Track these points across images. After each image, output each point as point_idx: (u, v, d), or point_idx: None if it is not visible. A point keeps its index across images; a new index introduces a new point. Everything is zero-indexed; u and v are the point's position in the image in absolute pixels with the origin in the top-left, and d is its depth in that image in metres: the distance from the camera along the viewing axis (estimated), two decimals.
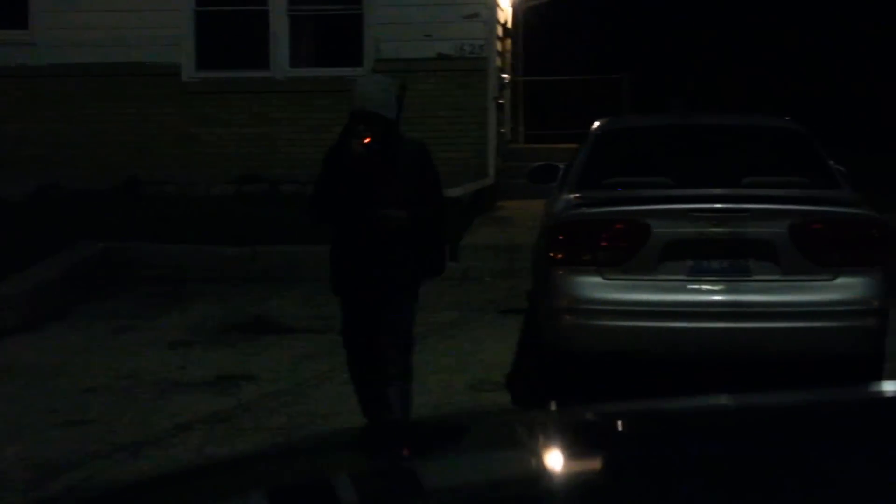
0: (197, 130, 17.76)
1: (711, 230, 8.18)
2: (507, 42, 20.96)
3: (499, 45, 19.04)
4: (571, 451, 2.89)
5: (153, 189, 16.73)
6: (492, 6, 17.90)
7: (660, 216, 8.25)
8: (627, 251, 8.24)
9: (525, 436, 3.06)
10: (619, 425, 3.16)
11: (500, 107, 19.13)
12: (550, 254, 8.46)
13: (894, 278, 8.45)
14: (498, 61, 18.86)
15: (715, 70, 24.82)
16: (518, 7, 21.88)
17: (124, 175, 17.01)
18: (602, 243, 8.31)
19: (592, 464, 2.78)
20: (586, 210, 8.54)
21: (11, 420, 8.42)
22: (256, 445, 7.74)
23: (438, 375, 9.35)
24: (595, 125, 10.16)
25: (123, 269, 13.19)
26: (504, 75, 19.83)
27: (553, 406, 3.63)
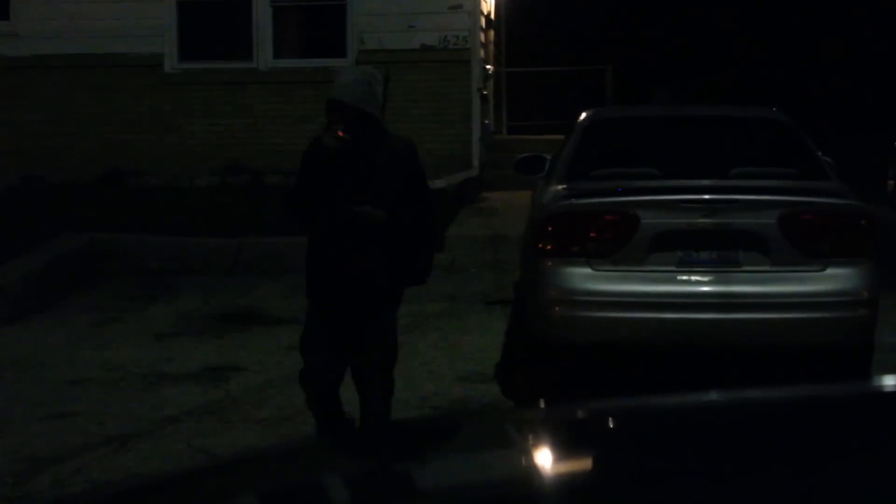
0: (180, 122, 17.71)
1: (701, 221, 8.18)
2: (491, 33, 20.94)
3: (482, 37, 19.02)
4: (563, 451, 2.87)
5: (137, 181, 16.66)
6: None
7: (649, 207, 8.25)
8: (616, 242, 8.22)
9: (516, 436, 3.05)
10: (611, 423, 3.15)
11: (485, 98, 19.11)
12: (539, 245, 8.44)
13: (883, 269, 8.47)
14: (482, 52, 18.83)
15: (698, 61, 24.82)
16: None
17: (107, 167, 16.95)
18: (591, 234, 8.29)
19: (584, 463, 2.77)
20: (575, 201, 8.53)
21: None
22: (245, 437, 7.73)
23: (427, 367, 9.34)
24: (582, 116, 10.15)
25: (108, 261, 13.13)
26: (488, 66, 19.81)
27: (542, 403, 3.61)
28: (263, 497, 2.78)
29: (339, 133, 6.38)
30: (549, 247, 8.37)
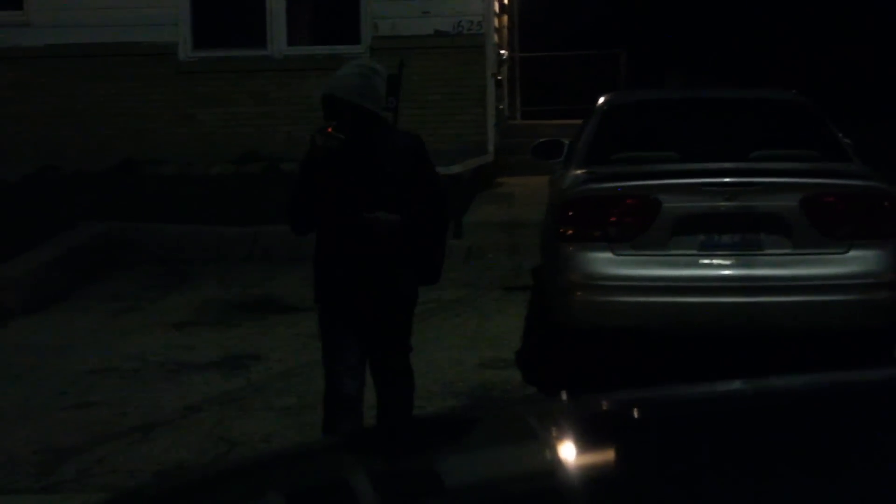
0: (194, 110, 17.65)
1: (723, 204, 8.13)
2: (504, 18, 20.87)
3: (496, 21, 18.95)
4: (586, 446, 2.85)
5: (151, 169, 16.61)
6: None
7: (670, 191, 8.20)
8: (638, 226, 8.18)
9: (539, 429, 3.02)
10: (634, 415, 3.13)
11: (499, 83, 19.04)
12: (560, 230, 8.40)
13: None
14: (496, 37, 18.76)
15: (713, 44, 24.73)
16: None
17: (122, 156, 16.90)
18: (612, 219, 8.25)
19: (609, 457, 2.75)
20: (596, 185, 8.48)
21: (19, 403, 8.37)
22: (267, 426, 7.72)
23: (447, 353, 9.32)
24: (601, 100, 10.10)
25: (124, 251, 13.12)
26: (502, 51, 19.74)
27: (564, 395, 3.59)
28: (290, 496, 2.77)
29: (329, 130, 5.97)
30: (570, 231, 8.34)
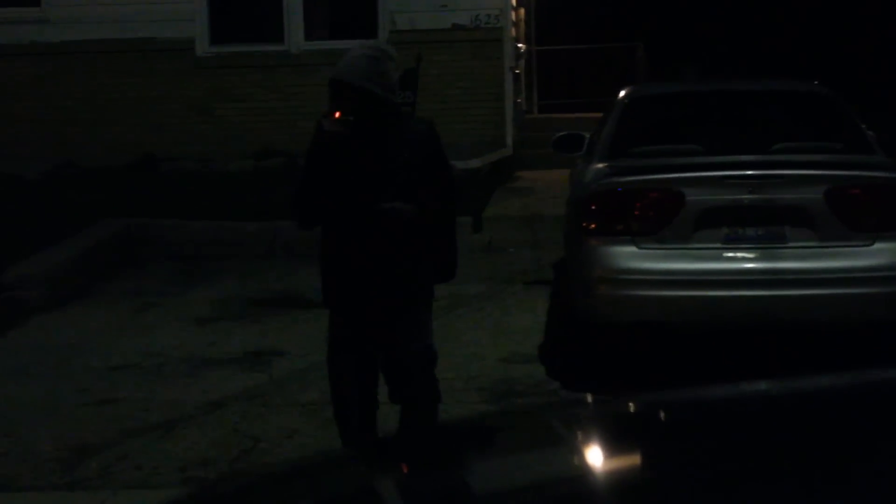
0: (212, 105, 17.64)
1: (746, 197, 8.09)
2: (521, 11, 20.83)
3: (514, 15, 18.91)
4: (613, 450, 2.84)
5: (170, 165, 16.61)
6: None
7: (694, 184, 8.16)
8: (661, 220, 8.15)
9: (566, 434, 3.02)
10: (660, 418, 3.11)
11: (517, 77, 19.01)
12: (583, 224, 8.37)
13: None
14: (513, 31, 18.72)
15: (731, 36, 24.65)
16: None
17: (140, 152, 16.91)
18: (636, 212, 8.21)
19: (636, 462, 2.74)
20: (619, 179, 8.44)
21: (42, 399, 8.36)
22: (290, 422, 7.71)
23: (469, 348, 9.29)
24: (622, 93, 10.07)
25: (145, 247, 13.12)
26: (520, 45, 19.70)
27: (589, 398, 3.57)
28: None
29: (336, 115, 5.69)
30: (594, 225, 8.30)
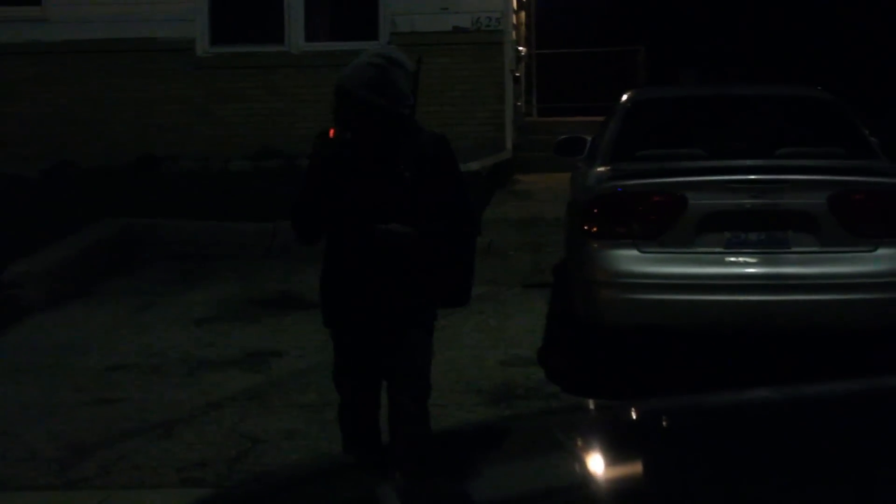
0: (212, 106, 17.64)
1: (749, 202, 8.06)
2: (522, 14, 20.84)
3: (514, 18, 18.92)
4: (615, 458, 2.83)
5: (169, 165, 16.61)
6: None
7: (697, 188, 8.13)
8: (664, 224, 8.12)
9: (567, 441, 2.99)
10: (662, 425, 3.09)
11: (517, 80, 19.00)
12: (585, 227, 8.34)
13: None
14: (514, 34, 18.72)
15: (732, 40, 24.65)
16: None
17: (140, 151, 16.91)
18: (638, 216, 8.18)
19: (637, 469, 2.73)
20: (621, 182, 8.42)
21: (41, 398, 8.33)
22: (289, 423, 7.67)
23: (468, 351, 9.26)
24: (625, 96, 10.05)
25: (144, 247, 13.09)
26: (520, 48, 19.70)
27: (591, 404, 3.56)
28: None
29: (331, 133, 5.29)
30: (595, 229, 8.28)
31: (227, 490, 3.47)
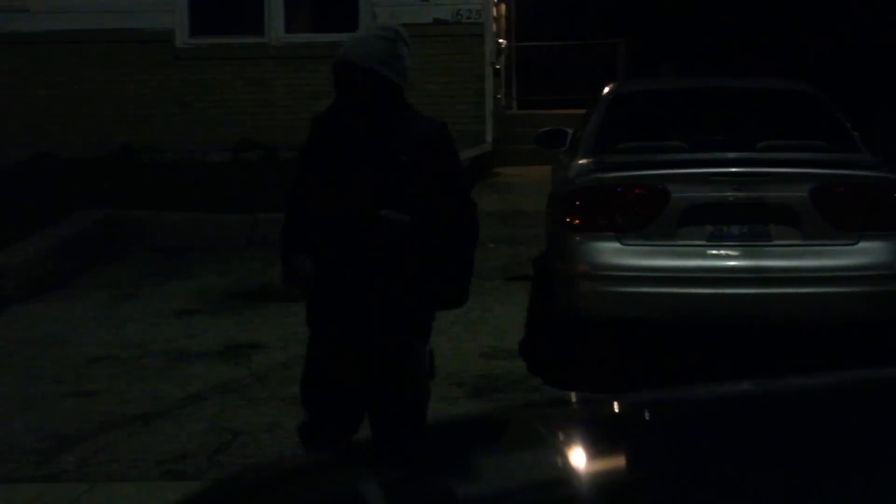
0: (192, 97, 17.57)
1: (731, 195, 8.06)
2: (502, 7, 20.82)
3: (495, 11, 18.89)
4: (598, 451, 2.83)
5: (149, 156, 16.56)
6: None
7: (679, 181, 8.13)
8: (646, 216, 8.11)
9: (549, 435, 2.99)
10: (644, 418, 3.08)
11: (497, 72, 18.98)
12: (567, 219, 8.33)
13: None
14: (494, 26, 18.70)
15: (711, 34, 24.65)
16: None
17: (119, 142, 16.84)
18: (620, 208, 8.18)
19: (620, 463, 2.73)
20: (603, 175, 8.41)
21: (19, 391, 8.28)
22: (270, 415, 7.63)
23: (450, 344, 9.21)
24: (606, 89, 10.05)
25: (123, 238, 13.03)
26: (501, 41, 19.68)
27: (574, 397, 3.56)
28: None
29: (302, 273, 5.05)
30: (577, 221, 8.26)
31: (210, 488, 3.45)
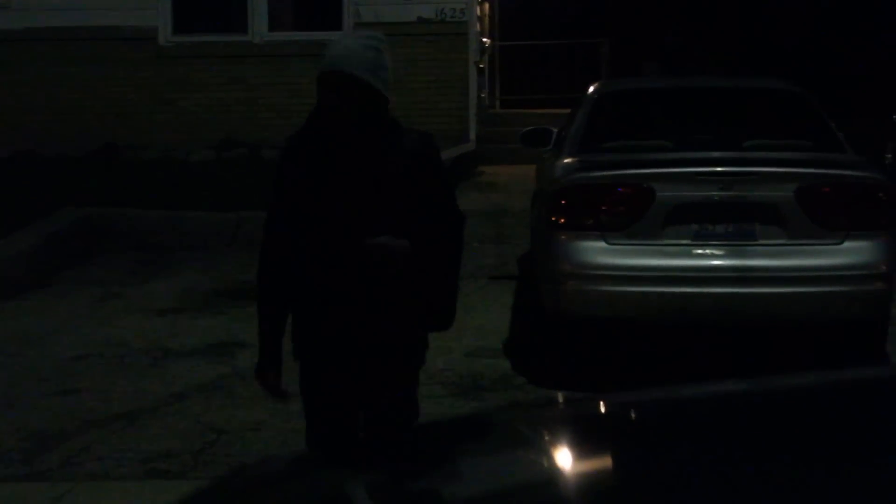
0: (174, 95, 17.51)
1: (717, 194, 8.05)
2: (486, 5, 20.82)
3: (478, 9, 18.89)
4: (586, 452, 2.82)
5: (131, 155, 16.49)
6: None
7: (664, 180, 8.12)
8: (631, 215, 8.10)
9: (535, 436, 2.99)
10: (630, 418, 3.08)
11: (481, 71, 18.98)
12: (552, 218, 8.32)
13: None
14: (478, 25, 18.70)
15: (696, 35, 24.69)
16: None
17: (102, 141, 16.77)
18: (605, 207, 8.17)
19: (607, 464, 2.72)
20: (589, 174, 8.40)
21: (2, 390, 8.25)
22: (254, 414, 7.61)
23: (434, 342, 9.07)
24: (591, 88, 10.04)
25: (106, 236, 12.99)
26: (484, 39, 19.68)
27: (561, 398, 3.56)
28: None
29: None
30: (563, 220, 8.25)
31: (197, 492, 3.43)
